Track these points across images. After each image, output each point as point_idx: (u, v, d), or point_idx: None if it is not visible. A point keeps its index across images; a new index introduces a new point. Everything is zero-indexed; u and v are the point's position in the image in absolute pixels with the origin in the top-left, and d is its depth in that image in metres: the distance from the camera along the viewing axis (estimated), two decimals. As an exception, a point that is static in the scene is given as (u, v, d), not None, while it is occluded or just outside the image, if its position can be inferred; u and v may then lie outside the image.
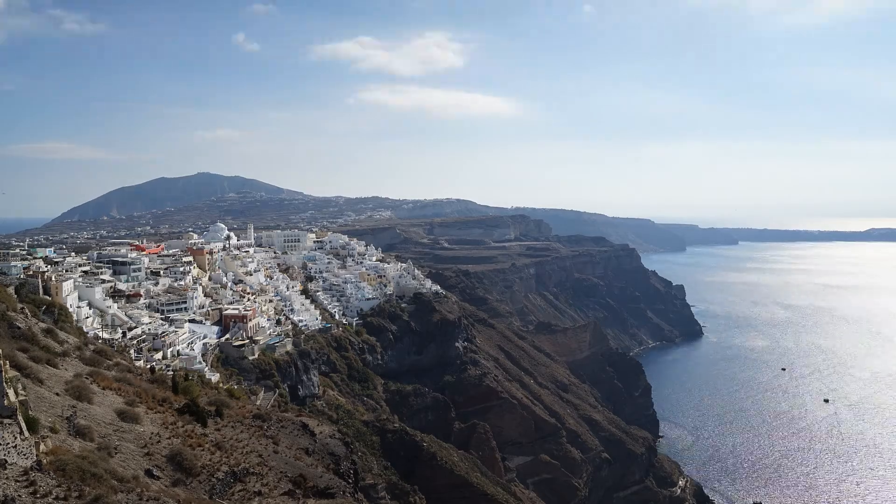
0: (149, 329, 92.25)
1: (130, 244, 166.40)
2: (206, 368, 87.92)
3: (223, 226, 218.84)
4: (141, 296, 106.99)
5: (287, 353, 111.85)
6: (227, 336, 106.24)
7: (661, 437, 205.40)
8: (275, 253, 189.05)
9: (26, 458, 24.02)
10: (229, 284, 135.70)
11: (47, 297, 75.52)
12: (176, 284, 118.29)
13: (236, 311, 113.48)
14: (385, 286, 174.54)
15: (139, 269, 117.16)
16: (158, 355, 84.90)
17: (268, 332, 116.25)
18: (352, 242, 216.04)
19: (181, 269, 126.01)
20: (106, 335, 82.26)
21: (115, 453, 32.10)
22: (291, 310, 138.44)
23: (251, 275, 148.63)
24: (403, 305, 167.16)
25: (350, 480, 47.82)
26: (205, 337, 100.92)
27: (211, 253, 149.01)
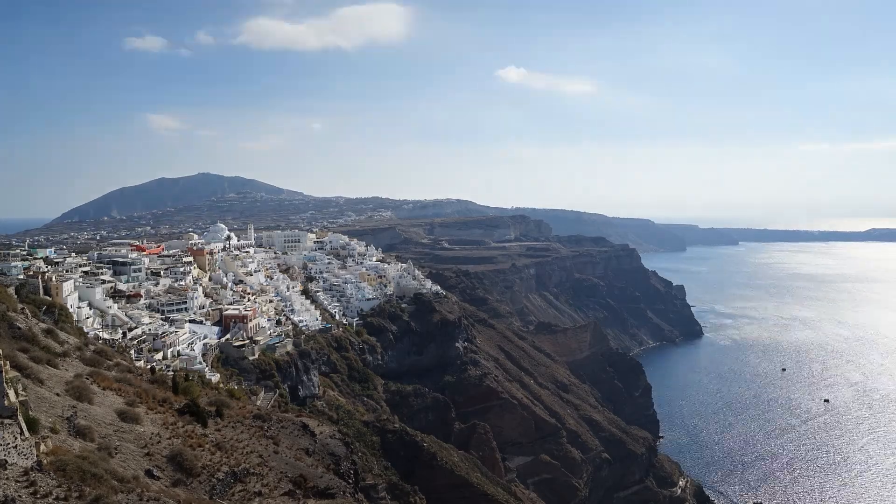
0: (149, 329, 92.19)
1: (131, 244, 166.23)
2: (207, 369, 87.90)
3: (223, 226, 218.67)
4: (141, 296, 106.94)
5: (287, 353, 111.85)
6: (228, 336, 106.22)
7: (662, 437, 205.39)
8: (275, 253, 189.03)
9: (27, 459, 24.04)
10: (229, 285, 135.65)
11: (48, 298, 75.46)
12: (176, 285, 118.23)
13: (237, 312, 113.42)
14: (385, 286, 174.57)
15: (139, 270, 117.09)
16: (159, 356, 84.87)
17: (268, 332, 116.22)
18: (352, 243, 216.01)
19: (181, 269, 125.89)
20: (106, 335, 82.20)
21: (116, 453, 32.12)
22: (292, 310, 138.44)
23: (251, 275, 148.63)
24: (404, 306, 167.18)
25: (350, 481, 47.83)
26: (205, 337, 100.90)
27: (211, 253, 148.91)
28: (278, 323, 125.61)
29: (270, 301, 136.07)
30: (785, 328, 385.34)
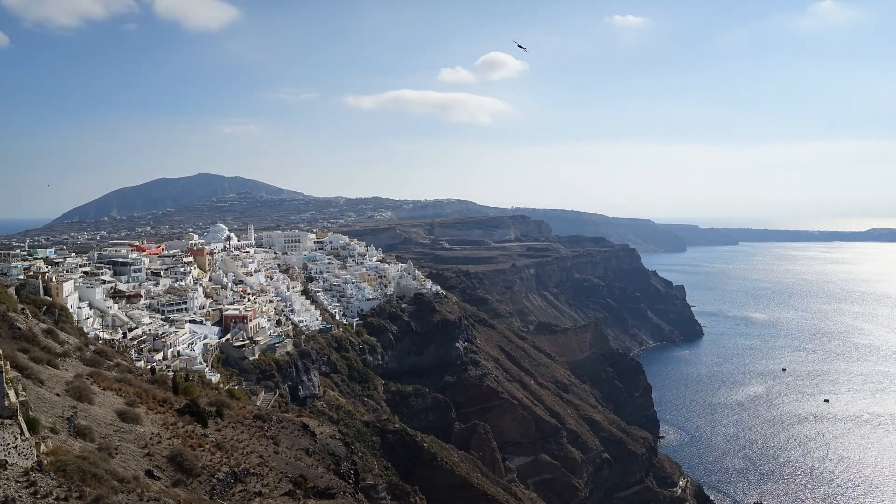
0: (149, 329, 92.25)
1: (131, 245, 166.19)
2: (207, 369, 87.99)
3: (223, 226, 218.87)
4: (141, 296, 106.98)
5: (287, 353, 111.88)
6: (228, 336, 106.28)
7: (662, 437, 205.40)
8: (275, 253, 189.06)
9: (27, 459, 24.03)
10: (230, 285, 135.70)
11: (48, 298, 75.45)
12: (176, 285, 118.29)
13: (237, 312, 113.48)
14: (385, 287, 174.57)
15: (139, 270, 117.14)
16: (159, 356, 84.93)
17: (268, 332, 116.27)
18: (352, 243, 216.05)
19: (182, 269, 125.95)
20: (106, 336, 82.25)
21: (116, 454, 32.11)
22: (292, 310, 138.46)
23: (251, 275, 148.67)
24: (404, 306, 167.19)
25: (350, 481, 47.82)
26: (205, 337, 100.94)
27: (211, 253, 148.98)
28: (278, 323, 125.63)
29: (270, 301, 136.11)
30: (785, 328, 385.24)
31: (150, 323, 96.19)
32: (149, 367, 69.99)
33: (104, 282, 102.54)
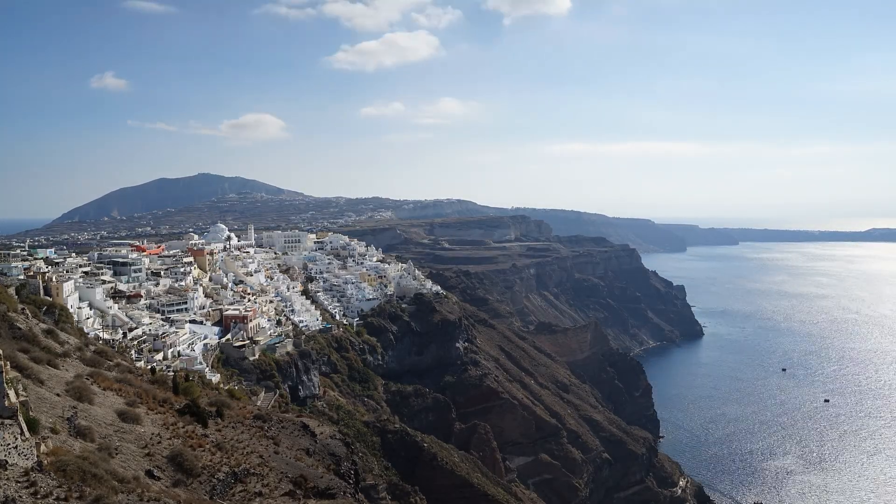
0: (149, 330, 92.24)
1: (131, 245, 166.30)
2: (207, 369, 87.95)
3: (223, 226, 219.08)
4: (141, 296, 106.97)
5: (287, 353, 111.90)
6: (228, 337, 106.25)
7: (662, 437, 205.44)
8: (275, 253, 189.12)
9: (27, 459, 24.02)
10: (230, 285, 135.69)
11: (48, 298, 75.41)
12: (176, 285, 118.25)
13: (237, 312, 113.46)
14: (385, 287, 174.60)
15: (140, 270, 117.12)
16: (159, 356, 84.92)
17: (268, 332, 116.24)
18: (352, 243, 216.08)
19: (182, 269, 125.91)
20: (106, 336, 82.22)
21: (116, 454, 32.10)
22: (292, 310, 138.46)
23: (252, 275, 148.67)
24: (404, 306, 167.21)
25: (351, 481, 47.83)
26: (205, 337, 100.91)
27: (211, 253, 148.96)
28: (278, 323, 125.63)
29: (270, 301, 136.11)
30: (785, 328, 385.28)
31: (150, 323, 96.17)
32: (149, 367, 69.95)
33: (104, 282, 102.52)
